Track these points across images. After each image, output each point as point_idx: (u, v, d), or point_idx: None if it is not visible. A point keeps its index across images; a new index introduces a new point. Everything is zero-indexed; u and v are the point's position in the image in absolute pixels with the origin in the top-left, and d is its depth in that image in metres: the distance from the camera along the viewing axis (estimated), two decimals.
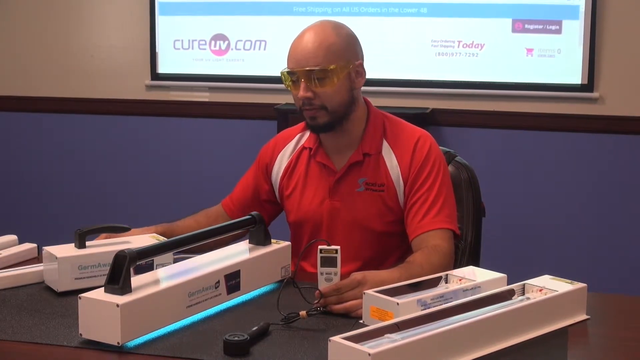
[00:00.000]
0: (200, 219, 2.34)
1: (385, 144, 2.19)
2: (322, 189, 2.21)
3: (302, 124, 2.30)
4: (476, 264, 2.32)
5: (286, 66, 2.14)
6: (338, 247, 1.93)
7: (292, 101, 3.94)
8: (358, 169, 2.18)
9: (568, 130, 3.82)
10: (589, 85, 3.75)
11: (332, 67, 2.08)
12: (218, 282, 1.84)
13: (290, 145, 2.30)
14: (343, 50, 2.12)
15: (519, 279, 1.83)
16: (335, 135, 2.18)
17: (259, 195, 2.33)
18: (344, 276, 1.90)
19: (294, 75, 2.11)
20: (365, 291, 1.76)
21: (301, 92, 2.09)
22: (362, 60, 2.18)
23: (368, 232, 2.18)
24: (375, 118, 2.21)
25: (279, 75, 2.18)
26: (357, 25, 2.29)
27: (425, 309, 1.69)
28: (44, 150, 4.44)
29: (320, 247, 1.93)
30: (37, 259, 2.22)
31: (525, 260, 3.79)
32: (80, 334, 1.66)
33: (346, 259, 2.12)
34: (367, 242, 2.18)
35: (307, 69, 2.08)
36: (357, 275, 1.85)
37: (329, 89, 2.09)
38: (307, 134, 2.27)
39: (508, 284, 1.84)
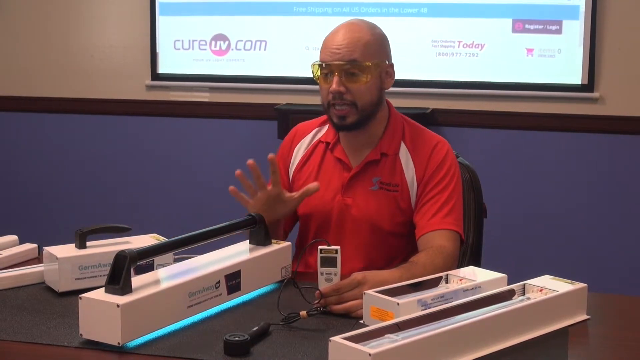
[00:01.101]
0: None
1: (403, 145, 2.20)
2: (335, 184, 2.22)
3: (319, 119, 2.31)
4: (477, 264, 2.32)
5: (318, 59, 2.15)
6: (338, 247, 1.93)
7: (292, 101, 3.99)
8: (374, 167, 2.19)
9: (568, 130, 3.82)
10: (589, 85, 3.74)
11: (367, 63, 2.10)
12: (218, 282, 1.84)
13: (307, 139, 2.31)
14: (378, 49, 2.14)
15: (519, 279, 1.83)
16: (357, 133, 2.19)
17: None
18: (347, 275, 1.91)
19: (327, 68, 2.11)
20: (366, 291, 1.76)
21: (334, 86, 2.09)
22: (392, 62, 2.20)
23: (376, 231, 2.18)
24: (396, 120, 2.23)
25: (280, 75, 2.18)
26: None
27: (425, 309, 1.69)
28: (44, 150, 4.44)
29: (320, 247, 1.93)
30: (38, 259, 2.22)
31: (525, 260, 3.79)
32: (81, 334, 1.67)
33: (352, 257, 2.13)
34: (375, 241, 2.19)
35: (343, 62, 2.09)
36: (357, 276, 1.85)
37: (362, 85, 2.10)
38: (325, 128, 2.29)
39: (508, 284, 1.84)
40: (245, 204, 2.12)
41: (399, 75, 2.25)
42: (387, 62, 2.17)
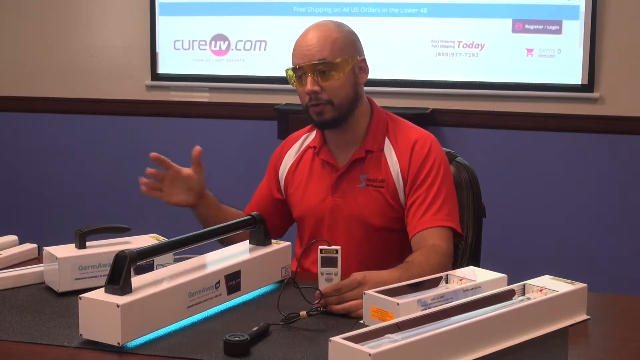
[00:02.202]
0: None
1: (387, 141, 2.21)
2: (325, 186, 2.23)
3: (309, 126, 2.33)
4: (477, 264, 2.32)
5: (291, 65, 2.17)
6: (338, 248, 1.93)
7: (292, 101, 3.99)
8: (360, 165, 2.20)
9: (568, 130, 3.82)
10: (589, 85, 3.75)
11: (337, 60, 2.12)
12: (218, 282, 1.84)
13: (296, 146, 2.33)
14: (346, 45, 2.16)
15: (519, 279, 1.83)
16: (339, 131, 2.20)
17: (274, 199, 2.34)
18: (344, 274, 1.91)
19: (299, 70, 2.14)
20: (366, 291, 1.76)
21: (308, 86, 2.11)
22: (364, 56, 2.21)
23: (368, 228, 2.19)
24: (379, 116, 2.24)
25: (280, 75, 2.20)
26: (357, 25, 2.30)
27: (425, 309, 1.69)
28: (44, 150, 4.44)
29: (320, 247, 1.93)
30: (38, 259, 2.22)
31: (525, 260, 3.79)
32: (81, 334, 1.67)
33: (347, 256, 2.13)
34: (368, 238, 2.19)
35: (314, 62, 2.11)
36: (357, 276, 1.85)
37: (335, 82, 2.12)
38: (313, 134, 2.31)
39: (508, 284, 1.84)
40: (160, 197, 2.24)
41: (399, 75, 2.26)
42: (358, 57, 2.18)
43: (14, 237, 2.31)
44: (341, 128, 2.19)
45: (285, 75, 2.20)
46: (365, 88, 2.25)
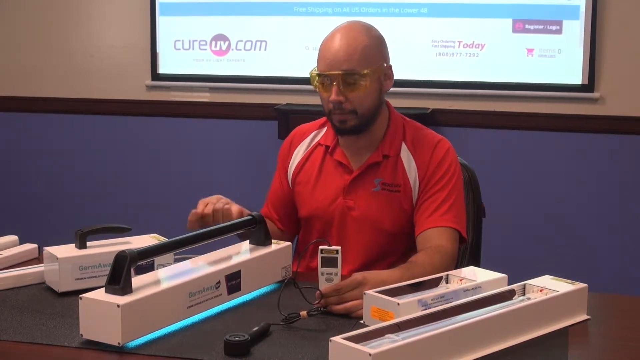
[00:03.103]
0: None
1: (404, 147, 2.20)
2: (337, 187, 2.21)
3: (318, 121, 2.31)
4: (477, 264, 2.32)
5: (316, 67, 2.13)
6: (339, 248, 1.93)
7: (292, 101, 3.99)
8: (375, 169, 2.19)
9: (568, 130, 3.82)
10: (589, 85, 3.74)
11: (365, 71, 2.07)
12: (219, 282, 1.84)
13: (306, 142, 2.30)
14: (374, 53, 2.12)
15: (519, 279, 1.83)
16: (358, 137, 2.18)
17: (290, 195, 2.32)
18: (347, 275, 1.91)
19: (325, 77, 2.10)
20: (366, 291, 1.76)
21: (333, 96, 2.08)
22: (389, 62, 2.18)
23: (379, 232, 2.18)
24: (396, 121, 2.23)
25: (280, 75, 2.17)
26: None
27: (425, 309, 1.69)
28: (44, 150, 4.44)
29: (320, 247, 1.93)
30: (38, 259, 2.22)
31: (525, 260, 3.79)
32: (81, 335, 1.67)
33: (354, 258, 2.13)
34: (377, 241, 2.19)
35: (341, 72, 2.07)
36: (357, 276, 1.85)
37: (360, 93, 2.08)
38: (323, 131, 2.28)
39: (509, 284, 1.84)
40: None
41: (399, 75, 2.24)
42: (385, 65, 2.15)
43: (14, 237, 2.31)
44: (360, 135, 2.17)
45: (284, 76, 2.18)
46: None
